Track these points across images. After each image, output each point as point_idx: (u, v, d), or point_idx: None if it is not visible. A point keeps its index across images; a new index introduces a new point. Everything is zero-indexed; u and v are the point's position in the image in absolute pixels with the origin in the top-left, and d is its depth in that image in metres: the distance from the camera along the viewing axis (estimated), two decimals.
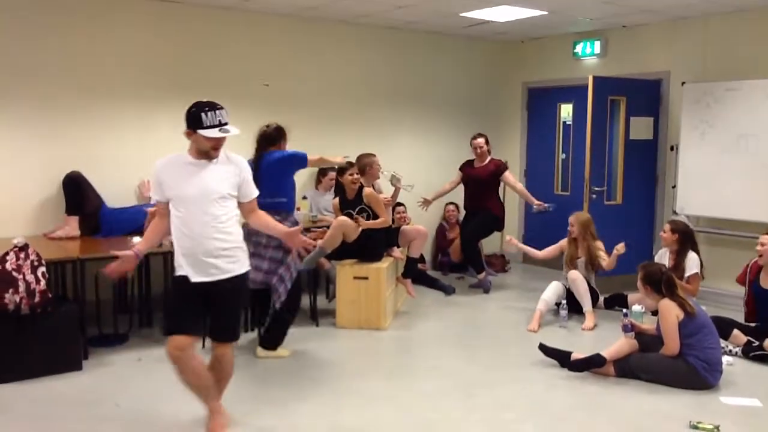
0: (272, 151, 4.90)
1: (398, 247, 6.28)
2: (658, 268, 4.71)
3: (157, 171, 3.52)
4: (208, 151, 3.43)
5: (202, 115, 3.37)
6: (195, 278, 3.42)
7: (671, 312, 4.42)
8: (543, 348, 4.89)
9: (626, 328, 4.71)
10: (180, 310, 3.51)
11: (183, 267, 3.45)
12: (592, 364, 4.63)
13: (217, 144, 3.43)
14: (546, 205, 6.92)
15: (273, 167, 4.82)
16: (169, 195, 3.46)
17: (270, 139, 4.93)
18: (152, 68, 6.22)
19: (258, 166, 4.78)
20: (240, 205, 3.59)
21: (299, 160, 4.98)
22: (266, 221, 3.76)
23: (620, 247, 5.73)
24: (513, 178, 7.32)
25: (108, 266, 3.51)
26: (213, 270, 3.43)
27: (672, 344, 4.42)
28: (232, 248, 3.50)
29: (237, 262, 3.52)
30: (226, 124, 3.41)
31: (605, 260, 5.96)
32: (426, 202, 7.16)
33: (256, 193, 3.65)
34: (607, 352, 4.62)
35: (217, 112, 3.40)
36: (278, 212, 4.63)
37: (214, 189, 3.43)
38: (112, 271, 3.50)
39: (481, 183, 7.11)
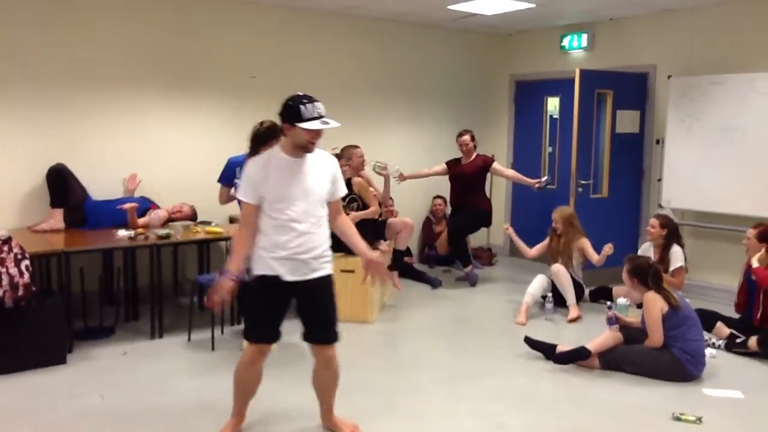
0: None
1: (385, 240, 6.28)
2: (645, 260, 4.75)
3: (252, 170, 3.33)
4: (306, 146, 3.29)
5: (302, 107, 3.23)
6: (289, 277, 3.31)
7: (656, 305, 4.46)
8: (529, 341, 4.91)
9: (610, 321, 4.75)
10: (267, 317, 3.41)
11: (274, 267, 3.31)
12: (577, 357, 4.66)
13: (315, 137, 3.28)
14: (543, 180, 6.96)
15: None
16: (270, 195, 3.28)
17: (263, 137, 4.86)
18: (141, 60, 6.16)
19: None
20: (327, 204, 3.44)
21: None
22: (350, 230, 3.57)
23: (608, 248, 5.79)
24: (502, 167, 7.35)
25: (207, 299, 3.32)
26: (307, 270, 3.33)
27: (656, 336, 4.45)
28: (328, 248, 3.42)
29: (330, 262, 3.44)
30: (324, 116, 3.28)
31: (594, 257, 6.01)
32: (401, 177, 6.96)
33: (343, 191, 3.52)
34: (592, 345, 4.65)
35: (316, 104, 3.26)
36: None
37: (315, 188, 3.32)
38: (213, 303, 3.30)
39: (468, 179, 7.08)
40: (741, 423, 3.88)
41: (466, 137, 7.07)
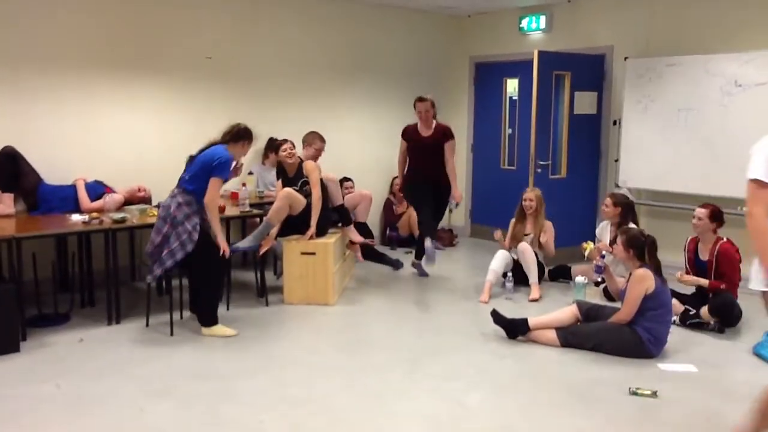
0: (225, 150, 4.79)
1: (352, 223, 6.24)
2: (639, 231, 4.81)
3: None
4: None
5: None
6: None
7: (643, 283, 4.49)
8: (495, 315, 4.94)
9: (598, 270, 5.09)
10: None
11: None
12: (514, 327, 4.81)
13: None
14: (453, 203, 6.58)
15: (209, 162, 4.72)
16: None
17: (233, 134, 4.87)
18: (91, 40, 5.99)
19: (203, 150, 4.82)
20: None
21: (219, 175, 4.77)
22: None
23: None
24: (451, 153, 6.44)
25: None
26: None
27: (628, 311, 4.52)
28: None
29: None
30: None
31: (551, 246, 6.18)
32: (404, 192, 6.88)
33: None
34: (547, 318, 4.79)
35: None
36: (187, 195, 4.75)
37: None
38: None
39: (432, 151, 6.40)
40: (695, 396, 3.97)
41: (426, 103, 6.32)
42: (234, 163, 5.01)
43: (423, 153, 6.45)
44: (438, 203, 6.47)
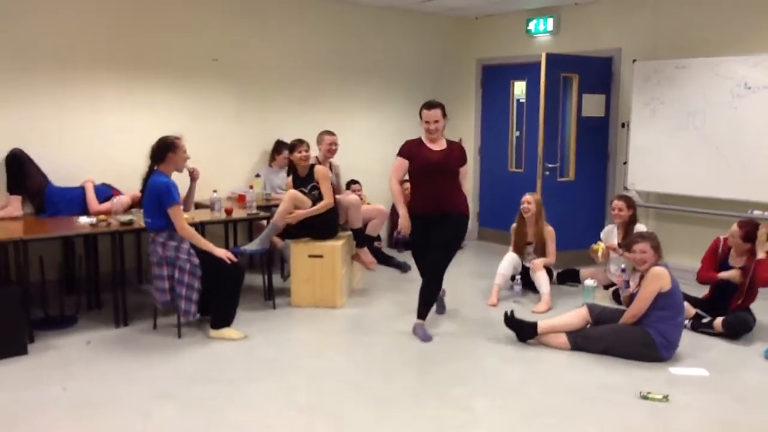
0: (160, 176, 4.74)
1: (369, 241, 6.20)
2: (654, 234, 4.79)
3: None
4: None
5: None
6: None
7: (658, 282, 4.46)
8: (507, 318, 4.88)
9: (627, 284, 5.16)
10: None
11: None
12: (522, 329, 4.78)
13: None
14: None
15: (155, 197, 4.69)
16: None
17: (154, 154, 4.80)
18: (99, 43, 5.98)
19: (145, 184, 4.79)
20: None
21: (171, 203, 4.69)
22: None
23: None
24: (465, 178, 5.17)
25: None
26: None
27: (640, 306, 4.49)
28: None
29: None
30: None
31: (552, 253, 6.08)
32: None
33: None
34: (559, 321, 4.76)
35: None
36: (162, 232, 4.73)
37: None
38: None
39: (443, 173, 4.99)
40: (706, 400, 3.93)
41: (437, 111, 5.00)
42: (189, 170, 5.04)
43: (431, 175, 4.99)
44: (447, 240, 5.00)
